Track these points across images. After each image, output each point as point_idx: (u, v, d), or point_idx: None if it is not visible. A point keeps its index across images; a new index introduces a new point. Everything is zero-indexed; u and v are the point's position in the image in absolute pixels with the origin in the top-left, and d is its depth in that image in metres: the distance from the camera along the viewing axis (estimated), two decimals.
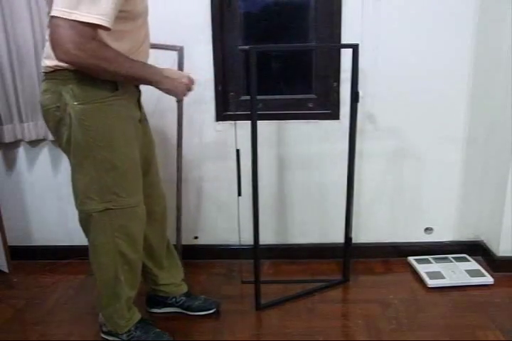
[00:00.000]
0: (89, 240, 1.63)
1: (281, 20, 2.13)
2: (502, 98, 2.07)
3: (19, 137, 2.18)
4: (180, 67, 1.77)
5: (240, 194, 2.21)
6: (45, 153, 2.26)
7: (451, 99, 2.14)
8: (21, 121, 2.15)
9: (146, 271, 1.84)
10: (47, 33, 1.37)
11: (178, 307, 1.91)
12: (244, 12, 2.10)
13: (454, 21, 2.04)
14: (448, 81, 2.11)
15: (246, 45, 2.09)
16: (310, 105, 2.21)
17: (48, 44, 1.39)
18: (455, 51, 2.07)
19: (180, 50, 1.77)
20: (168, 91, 1.57)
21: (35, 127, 2.16)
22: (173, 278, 1.90)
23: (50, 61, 1.43)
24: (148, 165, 1.71)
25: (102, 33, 1.35)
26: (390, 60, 2.08)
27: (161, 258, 1.86)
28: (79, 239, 2.35)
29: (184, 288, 1.93)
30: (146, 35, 1.57)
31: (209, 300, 1.92)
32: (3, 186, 2.29)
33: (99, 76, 1.41)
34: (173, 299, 1.91)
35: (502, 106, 2.07)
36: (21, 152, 2.26)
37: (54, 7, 1.27)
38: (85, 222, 1.59)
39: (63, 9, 1.25)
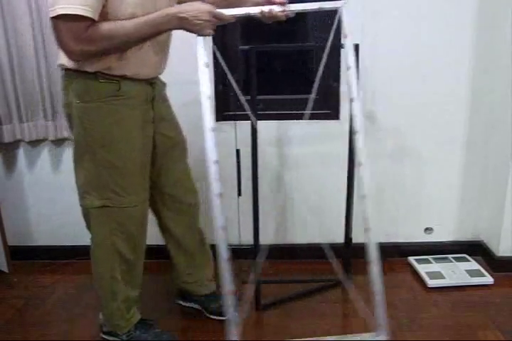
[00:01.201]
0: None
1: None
2: (502, 99, 2.07)
3: (19, 137, 2.18)
4: (339, 26, 1.58)
5: (240, 194, 2.22)
6: (45, 153, 2.26)
7: (451, 99, 2.14)
8: (21, 121, 2.15)
9: (172, 265, 1.86)
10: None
11: (198, 305, 1.91)
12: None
13: (454, 22, 2.04)
14: (448, 81, 2.11)
15: (246, 45, 2.09)
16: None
17: None
18: (455, 51, 2.07)
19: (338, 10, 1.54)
20: (189, 31, 1.45)
21: (35, 127, 2.16)
22: (196, 277, 1.88)
23: (58, 60, 1.48)
24: (165, 161, 1.70)
25: None
26: (390, 60, 2.08)
27: (191, 253, 1.84)
28: (79, 239, 2.35)
29: (207, 290, 1.90)
30: (150, 49, 1.49)
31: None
32: (3, 186, 2.29)
33: (117, 53, 1.40)
34: (195, 297, 1.91)
35: (502, 107, 2.07)
36: (21, 152, 2.26)
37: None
38: (86, 216, 1.62)
39: (49, 8, 1.29)
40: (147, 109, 1.58)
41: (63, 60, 1.44)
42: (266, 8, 1.43)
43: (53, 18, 1.28)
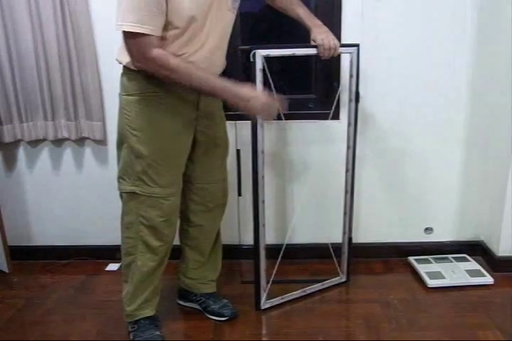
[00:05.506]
0: None
1: (281, 20, 2.12)
2: (502, 98, 2.06)
3: (19, 137, 2.18)
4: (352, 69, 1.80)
5: (240, 194, 2.22)
6: (45, 154, 2.26)
7: (451, 99, 2.14)
8: (21, 121, 2.15)
9: (182, 258, 1.90)
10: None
11: (198, 305, 1.93)
12: (244, 12, 2.10)
13: (454, 22, 2.04)
14: (448, 81, 2.11)
15: (246, 45, 2.09)
16: (310, 105, 2.21)
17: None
18: (455, 51, 2.07)
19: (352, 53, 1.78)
20: (244, 111, 1.55)
21: (35, 127, 2.16)
22: (201, 274, 1.91)
23: (116, 55, 1.61)
24: (203, 159, 1.75)
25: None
26: (389, 60, 2.08)
27: (204, 250, 1.89)
28: (79, 239, 2.36)
29: (208, 289, 1.93)
30: (210, 46, 1.55)
31: (227, 306, 1.89)
32: (3, 186, 2.29)
33: (171, 82, 1.49)
34: (195, 296, 1.92)
35: (502, 107, 2.07)
36: (21, 152, 2.26)
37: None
38: (121, 199, 1.69)
39: (117, 22, 1.40)
40: (189, 107, 1.64)
41: (117, 55, 1.58)
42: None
43: (124, 31, 1.40)
